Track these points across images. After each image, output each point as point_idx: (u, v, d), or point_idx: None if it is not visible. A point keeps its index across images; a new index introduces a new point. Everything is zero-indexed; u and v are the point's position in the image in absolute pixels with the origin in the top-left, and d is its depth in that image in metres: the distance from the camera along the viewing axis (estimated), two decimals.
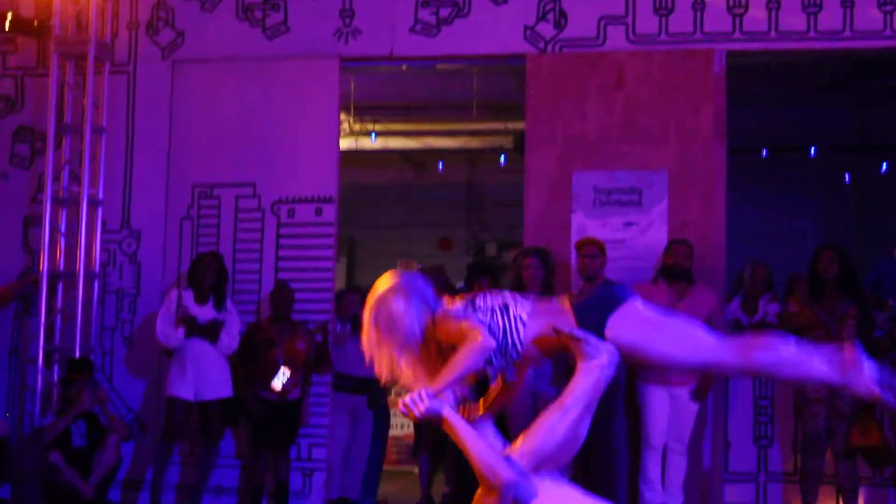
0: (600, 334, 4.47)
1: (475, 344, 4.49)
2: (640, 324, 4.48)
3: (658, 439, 8.92)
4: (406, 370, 4.68)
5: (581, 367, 4.49)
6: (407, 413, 4.48)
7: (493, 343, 4.52)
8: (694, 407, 8.96)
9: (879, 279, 10.49)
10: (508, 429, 8.89)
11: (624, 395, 8.90)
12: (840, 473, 8.77)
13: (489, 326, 4.57)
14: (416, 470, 11.16)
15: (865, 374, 4.35)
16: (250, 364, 9.49)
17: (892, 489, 8.92)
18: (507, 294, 4.72)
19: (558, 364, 8.74)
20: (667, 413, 8.94)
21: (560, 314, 4.56)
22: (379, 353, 4.68)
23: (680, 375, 8.92)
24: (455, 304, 4.69)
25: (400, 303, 4.65)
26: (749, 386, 9.34)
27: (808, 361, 4.41)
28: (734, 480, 9.26)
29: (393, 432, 13.02)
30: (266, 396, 9.41)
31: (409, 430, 13.01)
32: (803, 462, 8.91)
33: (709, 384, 8.96)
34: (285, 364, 9.40)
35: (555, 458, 4.56)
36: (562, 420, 4.49)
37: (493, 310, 4.61)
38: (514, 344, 4.57)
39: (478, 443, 4.48)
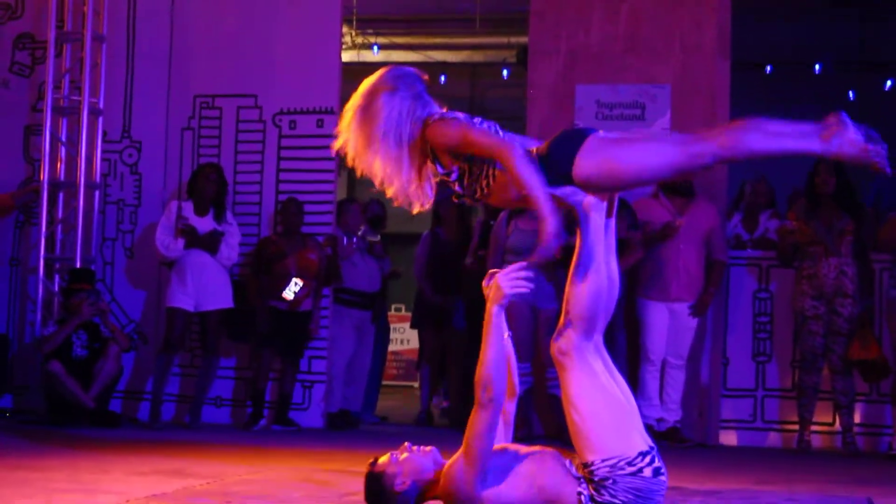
0: (569, 176, 4.26)
1: (511, 153, 4.18)
2: (605, 149, 4.20)
3: (657, 354, 8.95)
4: (380, 170, 4.39)
5: (577, 218, 4.34)
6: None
7: (521, 147, 4.23)
8: (693, 322, 8.98)
9: (879, 195, 10.47)
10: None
11: (623, 309, 8.91)
12: (837, 389, 8.81)
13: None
14: (415, 385, 11.22)
15: (849, 134, 4.04)
16: (262, 276, 9.50)
17: (888, 405, 8.96)
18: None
19: (560, 283, 8.73)
20: (666, 328, 8.97)
21: (532, 163, 4.26)
22: (360, 150, 4.40)
23: (680, 290, 8.94)
24: (453, 111, 4.44)
25: (386, 96, 4.40)
26: (748, 303, 9.35)
27: (787, 132, 4.13)
28: (732, 396, 9.30)
29: (393, 347, 13.05)
30: (276, 306, 9.43)
31: (409, 345, 13.06)
32: (800, 378, 8.95)
33: (708, 300, 8.98)
34: (297, 275, 9.40)
35: (601, 313, 4.31)
36: (581, 275, 4.26)
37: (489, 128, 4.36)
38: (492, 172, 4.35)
39: (496, 353, 4.31)
